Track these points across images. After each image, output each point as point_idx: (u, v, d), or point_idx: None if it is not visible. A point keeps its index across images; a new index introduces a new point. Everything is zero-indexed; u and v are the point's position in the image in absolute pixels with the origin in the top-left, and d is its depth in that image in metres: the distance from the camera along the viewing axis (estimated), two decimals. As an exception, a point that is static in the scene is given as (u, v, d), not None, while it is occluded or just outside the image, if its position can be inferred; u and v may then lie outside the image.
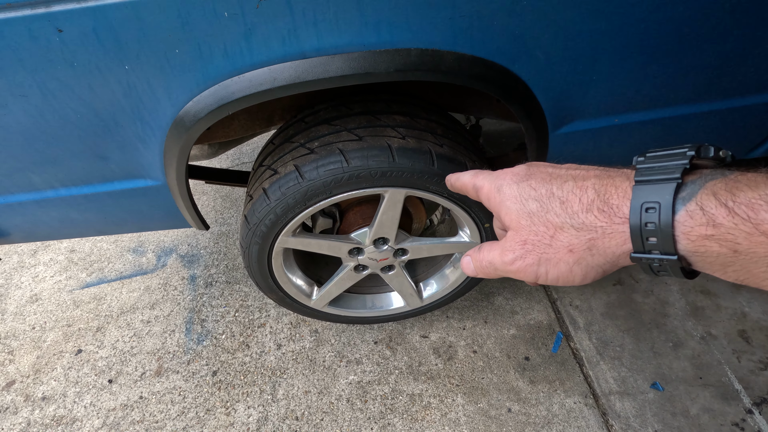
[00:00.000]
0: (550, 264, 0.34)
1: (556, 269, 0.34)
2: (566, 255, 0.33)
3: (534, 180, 0.36)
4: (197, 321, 1.53)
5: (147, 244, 1.83)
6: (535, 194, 0.35)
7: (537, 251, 0.34)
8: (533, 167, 0.39)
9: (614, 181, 0.32)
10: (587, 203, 0.32)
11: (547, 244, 0.34)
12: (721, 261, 0.28)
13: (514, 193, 0.37)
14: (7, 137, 0.77)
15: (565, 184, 0.34)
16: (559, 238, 0.33)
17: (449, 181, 0.49)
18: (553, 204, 0.34)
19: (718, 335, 1.33)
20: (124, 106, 0.74)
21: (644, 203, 0.29)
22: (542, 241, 0.34)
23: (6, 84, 0.69)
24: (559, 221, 0.33)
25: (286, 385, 1.33)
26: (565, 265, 0.33)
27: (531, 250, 0.35)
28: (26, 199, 0.90)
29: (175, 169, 0.83)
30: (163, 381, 1.38)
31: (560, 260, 0.33)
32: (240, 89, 0.72)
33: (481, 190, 0.42)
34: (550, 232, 0.34)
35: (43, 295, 1.69)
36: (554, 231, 0.33)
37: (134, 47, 0.67)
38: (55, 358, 1.48)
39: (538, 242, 0.34)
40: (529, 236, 0.35)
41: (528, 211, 0.35)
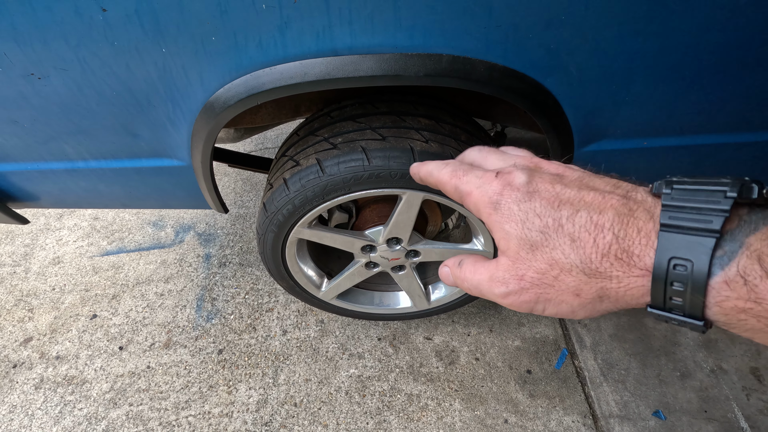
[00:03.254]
0: (550, 303, 0.30)
1: (556, 308, 0.30)
2: (571, 298, 0.29)
3: (538, 202, 0.30)
4: (208, 299, 1.57)
5: (167, 219, 1.88)
6: (540, 224, 0.29)
7: (536, 290, 0.30)
8: (536, 178, 0.31)
9: (636, 221, 0.27)
10: (603, 247, 0.27)
11: (549, 285, 0.29)
12: (754, 331, 0.24)
13: (515, 215, 0.30)
14: (45, 107, 0.80)
15: (576, 215, 0.28)
16: (564, 280, 0.28)
17: (413, 171, 0.40)
18: (561, 240, 0.28)
19: (729, 370, 1.29)
20: (158, 87, 0.76)
21: (672, 258, 0.24)
22: (543, 281, 0.29)
23: (49, 56, 0.71)
24: (567, 262, 0.28)
25: (288, 371, 1.36)
26: (567, 306, 0.29)
27: (528, 288, 0.30)
28: (58, 167, 0.94)
29: (200, 152, 0.85)
30: (171, 354, 1.42)
31: (563, 302, 0.29)
32: (270, 81, 0.73)
33: (468, 197, 0.33)
34: (554, 272, 0.29)
35: (65, 259, 1.75)
36: (559, 272, 0.28)
37: (173, 31, 0.68)
38: (71, 320, 1.54)
39: (539, 281, 0.29)
40: (528, 272, 0.30)
41: (531, 241, 0.29)
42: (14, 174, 0.98)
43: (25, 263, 1.74)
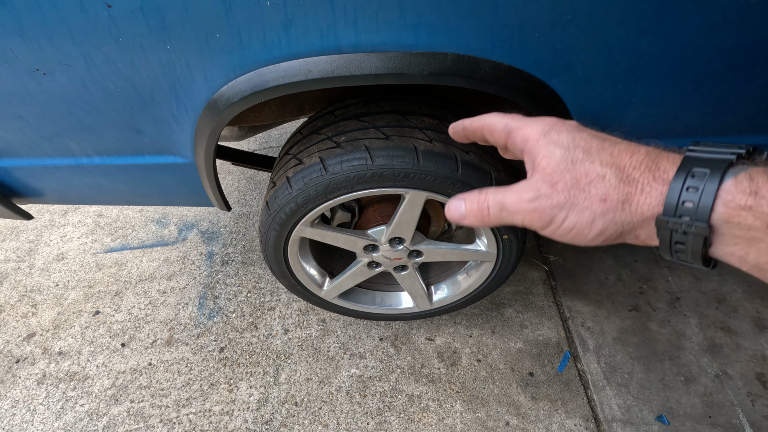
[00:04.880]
0: (574, 210, 0.33)
1: (577, 216, 0.33)
2: (597, 204, 0.32)
3: (586, 134, 0.35)
4: (210, 297, 1.57)
5: (170, 216, 1.89)
6: (585, 145, 0.34)
7: (566, 193, 0.33)
8: (581, 126, 0.37)
9: (667, 152, 0.32)
10: (636, 161, 0.32)
11: (581, 189, 0.33)
12: (750, 236, 0.27)
13: (564, 140, 0.35)
14: (50, 102, 0.80)
15: (618, 144, 0.33)
16: (597, 186, 0.32)
17: (460, 125, 0.44)
18: (601, 156, 0.33)
19: (734, 375, 1.28)
20: (162, 84, 0.76)
21: (693, 170, 0.29)
22: (577, 186, 0.33)
23: (55, 52, 0.71)
24: (602, 171, 0.32)
25: (289, 370, 1.36)
26: (590, 213, 0.32)
27: (561, 191, 0.33)
28: (62, 163, 0.94)
29: (204, 149, 0.85)
30: (173, 351, 1.43)
31: (587, 208, 0.32)
32: (274, 78, 0.72)
33: (517, 132, 0.38)
34: (589, 178, 0.32)
35: (69, 255, 1.76)
36: (594, 178, 0.32)
37: (177, 28, 0.68)
38: (74, 317, 1.54)
39: (572, 186, 0.33)
40: (563, 178, 0.33)
41: (572, 158, 0.34)
42: (19, 169, 0.98)
43: (29, 259, 1.75)
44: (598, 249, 1.62)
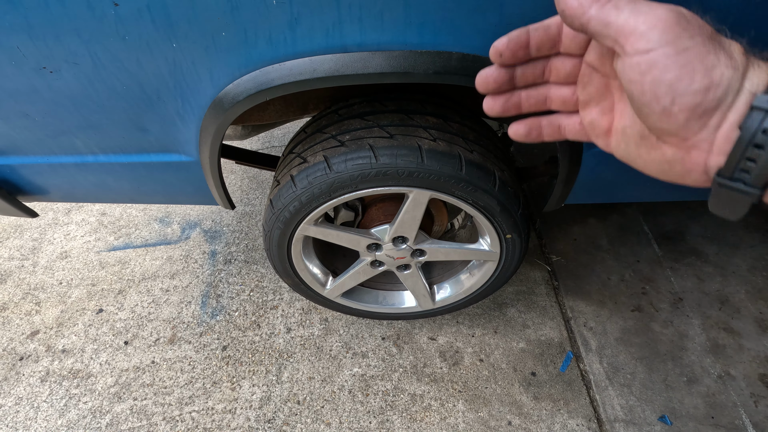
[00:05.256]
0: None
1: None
2: (724, 59, 0.28)
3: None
4: (213, 295, 1.57)
5: (173, 215, 1.89)
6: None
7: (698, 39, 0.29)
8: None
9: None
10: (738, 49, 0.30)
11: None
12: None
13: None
14: (57, 100, 0.80)
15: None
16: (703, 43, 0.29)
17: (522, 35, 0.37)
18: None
19: (737, 376, 1.28)
20: (168, 83, 0.77)
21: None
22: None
23: (61, 50, 0.72)
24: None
25: (292, 369, 1.36)
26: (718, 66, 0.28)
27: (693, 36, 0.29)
28: (68, 161, 0.95)
29: (209, 148, 0.86)
30: (175, 349, 1.43)
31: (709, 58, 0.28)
32: (279, 77, 0.73)
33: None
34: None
35: (73, 253, 1.76)
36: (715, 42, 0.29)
37: (183, 27, 0.69)
38: (77, 314, 1.55)
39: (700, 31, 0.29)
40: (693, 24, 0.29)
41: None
42: (24, 167, 0.98)
43: (33, 257, 1.76)
44: (600, 248, 1.62)
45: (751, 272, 1.51)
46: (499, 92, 0.39)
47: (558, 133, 0.42)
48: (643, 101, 0.30)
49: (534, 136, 0.42)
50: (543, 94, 0.40)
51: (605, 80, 0.36)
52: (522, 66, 0.38)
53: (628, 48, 0.29)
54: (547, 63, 0.38)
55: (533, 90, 0.40)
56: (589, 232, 1.68)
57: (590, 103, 0.38)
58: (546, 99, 0.40)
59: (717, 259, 1.55)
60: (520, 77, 0.38)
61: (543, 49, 0.37)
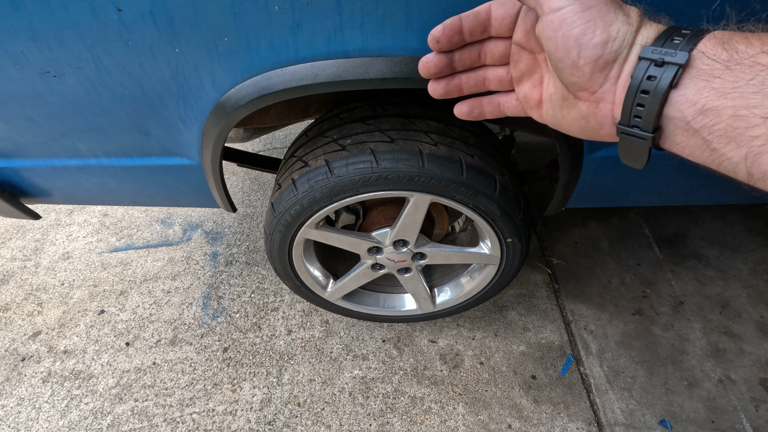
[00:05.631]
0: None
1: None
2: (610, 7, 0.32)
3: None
4: (214, 297, 1.58)
5: (175, 216, 1.90)
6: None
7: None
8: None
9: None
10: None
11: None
12: (713, 73, 0.29)
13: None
14: (60, 104, 0.81)
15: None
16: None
17: (455, 24, 0.42)
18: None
19: (738, 380, 1.28)
20: (170, 87, 0.77)
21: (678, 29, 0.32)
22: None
23: (65, 55, 0.72)
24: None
25: (292, 371, 1.36)
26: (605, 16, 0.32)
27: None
28: (71, 164, 0.95)
29: (211, 151, 0.86)
30: (176, 351, 1.43)
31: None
32: (281, 82, 0.73)
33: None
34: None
35: (75, 254, 1.77)
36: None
37: (186, 32, 0.69)
38: (79, 315, 1.55)
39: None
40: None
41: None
42: (27, 170, 0.99)
43: (35, 258, 1.77)
44: (601, 251, 1.62)
45: (752, 276, 1.51)
46: (440, 76, 0.43)
47: (498, 110, 0.45)
48: (557, 56, 0.33)
49: (476, 114, 0.46)
50: (481, 76, 0.43)
51: (533, 56, 0.40)
52: (459, 51, 0.42)
53: (545, 7, 0.33)
54: (482, 47, 0.42)
55: (472, 73, 0.43)
56: (590, 234, 1.68)
57: (522, 79, 0.42)
58: (484, 80, 0.44)
59: (718, 263, 1.55)
60: (459, 61, 0.42)
61: (475, 33, 0.41)
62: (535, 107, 0.42)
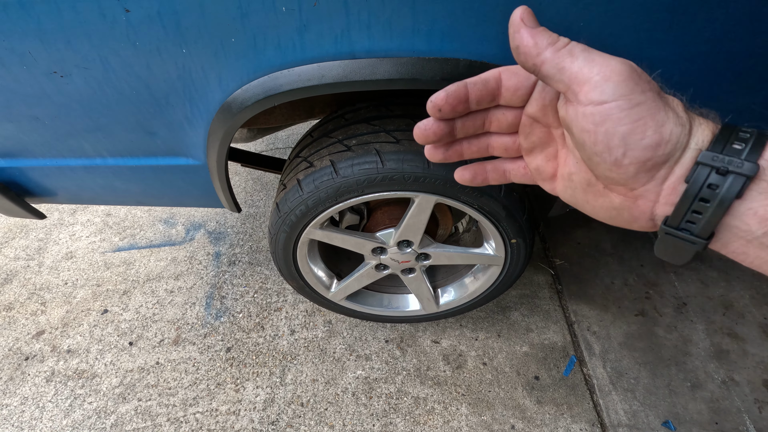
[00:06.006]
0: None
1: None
2: (666, 113, 0.29)
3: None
4: (217, 297, 1.58)
5: (178, 216, 1.90)
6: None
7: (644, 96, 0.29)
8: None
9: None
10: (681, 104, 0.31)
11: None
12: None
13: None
14: (66, 104, 0.81)
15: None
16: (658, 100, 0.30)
17: (460, 90, 0.36)
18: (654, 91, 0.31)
19: (741, 382, 1.28)
20: (177, 87, 0.77)
21: (738, 128, 0.29)
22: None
23: (72, 55, 0.72)
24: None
25: (295, 371, 1.36)
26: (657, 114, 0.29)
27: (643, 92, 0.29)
28: (76, 164, 0.95)
29: (216, 152, 0.86)
30: (180, 350, 1.44)
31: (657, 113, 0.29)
32: (288, 82, 0.73)
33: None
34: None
35: (78, 254, 1.77)
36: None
37: (193, 32, 0.69)
38: (82, 315, 1.56)
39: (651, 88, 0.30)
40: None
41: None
42: (33, 169, 0.99)
43: (38, 257, 1.77)
44: (604, 252, 1.62)
45: (756, 277, 1.51)
46: (439, 143, 0.39)
47: (503, 177, 0.42)
48: (595, 150, 0.30)
49: (479, 181, 0.42)
50: (484, 143, 0.40)
51: (547, 129, 0.36)
52: (462, 118, 0.38)
53: (581, 97, 0.29)
54: (487, 114, 0.38)
55: (474, 139, 0.40)
56: (593, 235, 1.68)
57: (534, 151, 0.38)
58: (488, 146, 0.40)
59: (721, 264, 1.55)
60: (461, 129, 0.38)
61: (483, 102, 0.37)
62: (548, 180, 0.39)
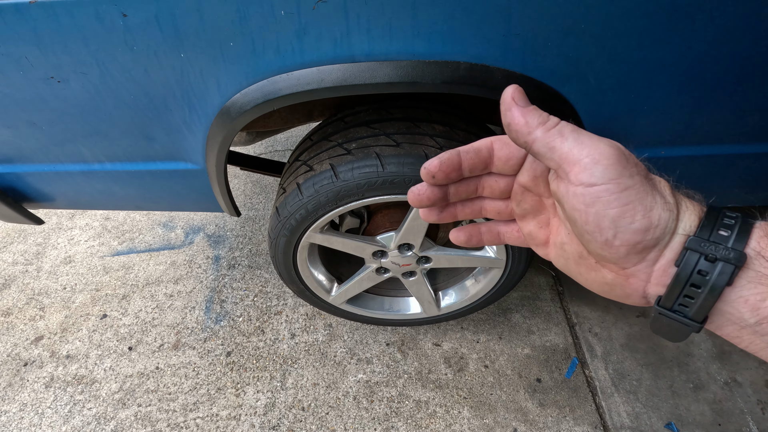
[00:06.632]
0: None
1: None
2: (651, 196, 0.30)
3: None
4: (217, 301, 1.57)
5: (177, 220, 1.89)
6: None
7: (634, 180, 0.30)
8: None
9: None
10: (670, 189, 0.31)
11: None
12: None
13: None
14: (64, 110, 0.81)
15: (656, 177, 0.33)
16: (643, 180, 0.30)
17: (454, 159, 0.37)
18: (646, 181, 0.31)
19: (744, 383, 1.27)
20: (176, 92, 0.77)
21: (724, 211, 0.31)
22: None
23: (70, 61, 0.72)
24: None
25: (296, 375, 1.36)
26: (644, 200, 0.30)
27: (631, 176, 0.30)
28: (74, 169, 0.95)
29: (215, 156, 0.86)
30: (180, 355, 1.43)
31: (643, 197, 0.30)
32: (287, 86, 0.73)
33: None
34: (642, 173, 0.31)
35: (77, 258, 1.76)
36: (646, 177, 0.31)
37: (192, 37, 0.69)
38: (81, 320, 1.55)
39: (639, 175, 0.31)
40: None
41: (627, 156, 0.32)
42: (31, 175, 0.99)
43: (37, 262, 1.76)
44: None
45: (757, 277, 1.50)
46: (433, 207, 0.40)
47: (498, 239, 0.43)
48: (586, 229, 0.31)
49: (475, 242, 0.43)
50: (478, 206, 0.41)
51: (538, 198, 0.37)
52: (455, 184, 0.38)
53: (572, 177, 0.30)
54: (480, 181, 0.39)
55: (468, 202, 0.41)
56: (594, 237, 1.68)
57: (526, 217, 0.39)
58: (481, 209, 0.41)
59: (722, 265, 1.55)
60: (454, 194, 0.39)
61: (476, 170, 0.37)
62: (541, 246, 0.40)
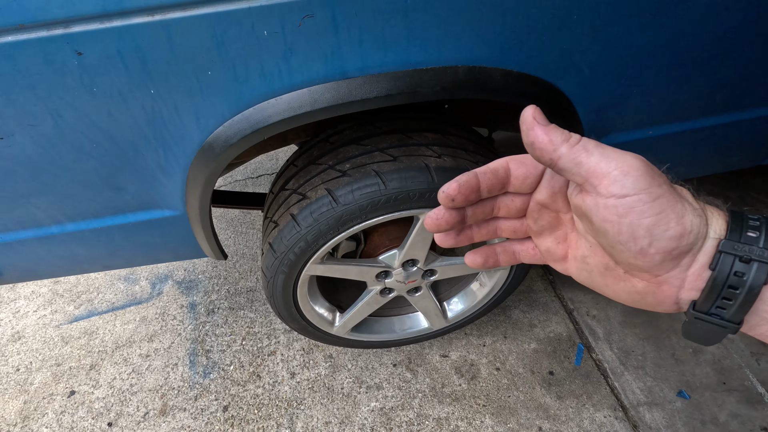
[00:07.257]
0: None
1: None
2: (674, 198, 0.30)
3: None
4: (201, 352, 1.44)
5: (139, 271, 1.72)
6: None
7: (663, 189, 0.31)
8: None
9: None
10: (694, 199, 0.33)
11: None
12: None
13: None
14: (10, 170, 0.69)
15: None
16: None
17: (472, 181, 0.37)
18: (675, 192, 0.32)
19: (735, 338, 1.34)
20: (146, 133, 0.68)
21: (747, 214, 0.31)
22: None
23: (14, 113, 0.61)
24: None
25: (305, 417, 1.26)
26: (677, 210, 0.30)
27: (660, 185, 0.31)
28: (27, 236, 0.81)
29: (198, 198, 0.77)
30: (169, 420, 1.28)
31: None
32: (277, 112, 0.66)
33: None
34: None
35: (27, 333, 1.55)
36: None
37: (162, 70, 0.61)
38: (45, 402, 1.35)
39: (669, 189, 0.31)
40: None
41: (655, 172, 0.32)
42: (-30, 250, 0.84)
43: (-22, 345, 1.53)
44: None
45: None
46: (450, 230, 0.40)
47: (514, 258, 0.44)
48: (619, 240, 0.31)
49: (491, 264, 0.44)
50: (493, 227, 0.41)
51: (555, 214, 0.38)
52: (472, 206, 0.39)
53: (602, 189, 0.30)
54: (496, 201, 0.39)
55: (484, 224, 0.41)
56: (571, 221, 1.72)
57: (543, 233, 0.40)
58: (497, 230, 0.42)
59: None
60: (471, 216, 0.39)
61: (494, 191, 0.38)
62: (559, 261, 0.40)
